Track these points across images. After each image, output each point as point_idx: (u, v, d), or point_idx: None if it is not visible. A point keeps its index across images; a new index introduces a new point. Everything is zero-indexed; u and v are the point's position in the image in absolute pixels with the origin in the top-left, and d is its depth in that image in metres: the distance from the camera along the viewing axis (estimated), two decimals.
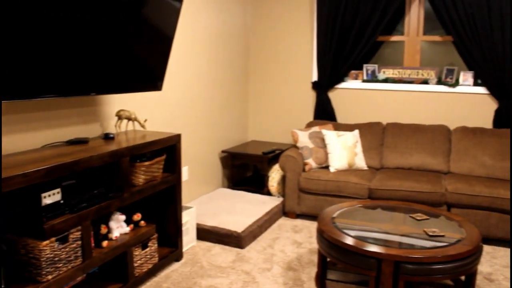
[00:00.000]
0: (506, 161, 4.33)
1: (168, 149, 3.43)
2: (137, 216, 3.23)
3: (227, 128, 5.20)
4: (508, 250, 3.95)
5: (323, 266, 3.24)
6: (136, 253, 3.11)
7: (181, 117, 4.32)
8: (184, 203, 4.47)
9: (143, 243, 3.18)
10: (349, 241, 2.82)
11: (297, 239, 4.08)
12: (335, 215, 3.27)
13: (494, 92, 4.65)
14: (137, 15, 2.92)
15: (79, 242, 2.61)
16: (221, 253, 3.76)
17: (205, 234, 3.98)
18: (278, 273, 3.44)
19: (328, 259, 3.33)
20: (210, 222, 4.02)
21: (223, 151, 5.04)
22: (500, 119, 4.65)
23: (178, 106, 4.26)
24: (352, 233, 2.95)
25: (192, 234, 3.90)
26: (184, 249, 3.80)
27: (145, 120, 3.49)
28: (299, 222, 4.51)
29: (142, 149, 3.06)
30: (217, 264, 3.56)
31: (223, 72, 4.99)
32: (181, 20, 4.17)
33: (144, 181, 3.17)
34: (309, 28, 5.28)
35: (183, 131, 4.37)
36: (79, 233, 2.61)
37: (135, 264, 3.11)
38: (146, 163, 3.13)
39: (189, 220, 3.83)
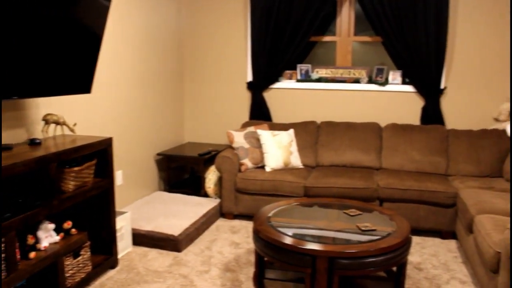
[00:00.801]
0: (433, 155, 4.53)
1: (99, 154, 3.32)
2: (67, 224, 3.11)
3: (162, 130, 5.12)
4: (436, 239, 4.13)
5: (261, 266, 3.25)
6: (68, 262, 2.99)
7: (113, 120, 4.21)
8: (119, 208, 4.35)
9: (74, 252, 3.07)
10: (284, 239, 2.84)
11: (235, 240, 4.07)
12: (270, 214, 3.29)
13: (420, 90, 4.85)
14: (63, 11, 2.80)
15: (3, 255, 2.48)
16: (158, 258, 3.69)
17: (141, 239, 3.89)
18: (216, 275, 3.41)
19: (266, 259, 3.35)
20: (146, 226, 3.93)
21: (158, 154, 4.95)
22: (427, 116, 4.86)
23: (110, 108, 4.14)
24: (287, 231, 2.98)
25: (128, 240, 3.80)
26: (120, 255, 3.70)
27: (75, 124, 3.37)
28: (236, 222, 4.51)
29: (71, 154, 2.94)
30: (154, 269, 3.49)
31: (156, 73, 4.91)
32: (111, 19, 4.06)
33: (74, 187, 3.05)
34: (243, 29, 5.29)
35: (116, 134, 4.26)
36: (3, 245, 2.47)
37: (67, 274, 2.99)
38: (76, 168, 3.01)
39: (124, 226, 3.73)
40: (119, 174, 4.33)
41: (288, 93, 5.26)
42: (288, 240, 2.82)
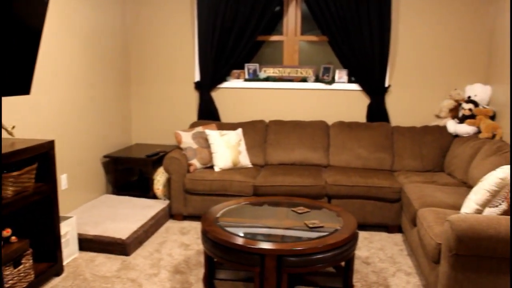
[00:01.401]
0: (379, 152, 4.64)
1: (40, 157, 3.20)
2: (6, 232, 2.98)
3: (109, 132, 5.00)
4: (383, 234, 4.23)
5: (210, 267, 3.23)
6: (7, 272, 2.87)
7: (56, 122, 4.07)
8: (64, 213, 4.22)
9: (15, 261, 2.94)
10: (232, 239, 2.83)
11: (185, 241, 4.03)
12: (219, 214, 3.27)
13: (366, 88, 4.96)
14: None
15: None
16: (106, 263, 3.60)
17: (88, 244, 3.78)
18: (165, 278, 3.36)
19: (216, 259, 3.33)
20: (93, 231, 3.83)
21: (105, 156, 4.83)
22: (372, 114, 4.98)
23: (52, 110, 4.00)
24: (236, 231, 2.97)
25: (74, 246, 3.69)
26: (65, 262, 3.58)
27: (13, 127, 3.23)
28: (186, 223, 4.46)
29: (9, 158, 2.82)
30: (101, 275, 3.40)
31: (102, 73, 4.78)
32: (53, 17, 3.92)
33: (13, 193, 2.93)
34: (190, 28, 5.24)
35: (59, 137, 4.12)
36: None
37: (7, 285, 2.86)
38: (15, 173, 2.89)
39: (69, 231, 3.62)
40: (63, 178, 4.20)
41: (236, 92, 5.26)
42: (236, 240, 2.81)
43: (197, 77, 5.29)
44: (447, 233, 2.63)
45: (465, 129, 4.54)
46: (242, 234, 2.91)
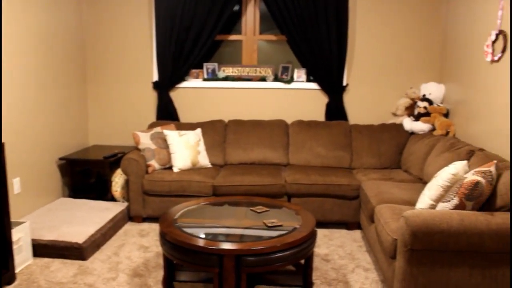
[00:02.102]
0: (338, 150, 4.69)
1: None
2: None
3: (64, 134, 4.87)
4: (343, 231, 4.28)
5: (170, 269, 3.19)
6: None
7: (8, 124, 3.93)
8: (17, 218, 4.08)
9: None
10: (190, 240, 2.80)
11: (144, 244, 3.97)
12: (177, 215, 3.23)
13: (324, 87, 5.01)
14: None
15: None
16: (62, 268, 3.50)
17: (42, 249, 3.67)
18: (124, 281, 3.30)
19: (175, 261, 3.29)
20: (48, 236, 3.71)
21: (61, 158, 4.70)
22: (331, 112, 5.03)
23: (3, 111, 3.86)
24: (194, 232, 2.94)
25: (27, 252, 3.57)
26: (18, 269, 3.46)
27: None
28: (145, 225, 4.40)
29: None
30: (57, 281, 3.31)
31: (56, 74, 4.65)
32: (4, 16, 3.78)
33: None
34: (148, 28, 5.16)
35: (11, 139, 3.98)
36: None
37: None
38: None
39: (22, 237, 3.49)
40: (16, 182, 4.06)
41: (195, 92, 5.22)
42: (194, 241, 2.78)
43: (155, 77, 5.22)
44: (402, 228, 2.68)
45: (420, 126, 4.64)
46: (200, 235, 2.88)
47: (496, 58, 3.66)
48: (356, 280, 3.34)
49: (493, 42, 3.71)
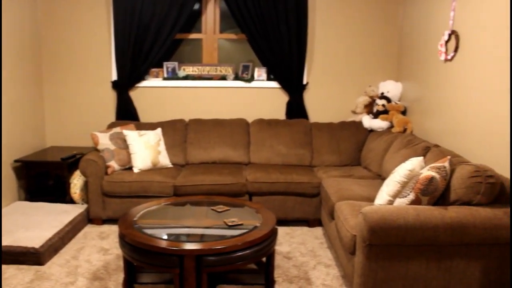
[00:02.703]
0: (299, 148, 4.73)
1: None
2: None
3: (20, 135, 4.72)
4: (304, 228, 4.32)
5: (130, 271, 3.14)
6: None
7: None
8: None
9: None
10: (150, 241, 2.77)
11: (104, 246, 3.90)
12: (137, 216, 3.19)
13: (284, 86, 5.04)
14: None
15: None
16: (17, 275, 3.39)
17: None
18: (83, 285, 3.23)
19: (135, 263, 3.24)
20: (3, 241, 3.60)
21: (16, 161, 4.57)
22: (291, 110, 5.07)
23: None
24: (154, 233, 2.91)
25: None
26: None
27: None
28: (106, 228, 4.32)
29: None
30: None
31: (10, 73, 4.50)
32: None
33: None
34: (106, 26, 5.07)
35: None
36: None
37: None
38: None
39: None
40: None
41: (155, 91, 5.16)
42: (154, 242, 2.75)
43: (114, 76, 5.13)
44: (361, 224, 2.73)
45: (379, 124, 4.72)
46: (160, 236, 2.86)
47: (449, 57, 3.76)
48: (318, 277, 3.38)
49: (446, 42, 3.82)
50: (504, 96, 3.00)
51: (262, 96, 5.13)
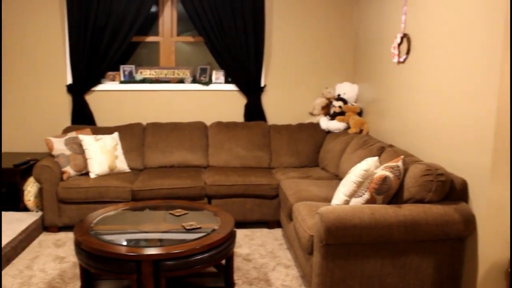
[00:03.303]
0: (257, 150, 4.76)
1: None
2: None
3: None
4: (264, 230, 4.34)
5: (87, 279, 3.08)
6: None
7: None
8: None
9: None
10: (106, 248, 2.72)
11: (60, 254, 3.80)
12: (93, 223, 3.14)
13: (242, 88, 5.06)
14: None
15: None
16: None
17: None
18: None
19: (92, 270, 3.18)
20: None
21: None
22: (249, 113, 5.10)
23: None
24: (110, 239, 2.87)
25: None
26: None
27: None
28: (62, 235, 4.22)
29: None
30: None
31: None
32: None
33: None
34: (60, 28, 4.95)
35: None
36: None
37: None
38: None
39: None
40: None
41: (112, 95, 5.08)
42: (110, 248, 2.71)
43: (69, 80, 5.02)
44: (318, 225, 2.76)
45: (336, 125, 4.80)
46: (117, 242, 2.82)
47: (401, 60, 3.86)
48: (277, 278, 3.40)
49: (399, 45, 3.92)
50: (453, 97, 3.10)
51: (220, 99, 5.13)
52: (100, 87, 5.06)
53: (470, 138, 2.91)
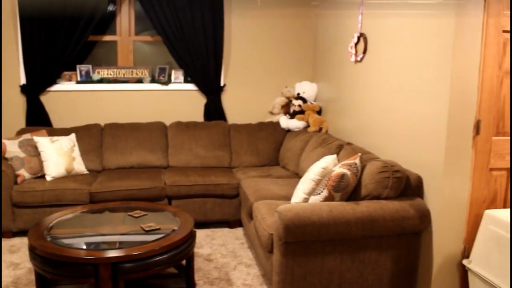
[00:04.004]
0: (217, 150, 4.74)
1: None
2: None
3: None
4: (225, 229, 4.34)
5: (42, 285, 3.01)
6: None
7: None
8: None
9: None
10: (62, 252, 2.66)
11: (14, 260, 3.68)
12: (49, 226, 3.06)
13: (202, 88, 5.04)
14: None
15: None
16: None
17: None
18: None
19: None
20: None
21: None
22: (209, 112, 5.08)
23: None
24: (66, 243, 2.80)
25: None
26: None
27: None
28: (16, 240, 4.09)
29: None
30: None
31: None
32: None
33: None
34: (12, 24, 4.78)
35: None
36: None
37: None
38: None
39: None
40: None
41: (69, 95, 4.96)
42: (66, 252, 2.65)
43: (23, 80, 4.87)
44: (276, 223, 2.78)
45: (295, 124, 4.84)
46: (73, 246, 2.76)
47: (358, 59, 3.93)
48: (238, 277, 3.40)
49: (356, 44, 3.98)
50: (408, 96, 3.18)
51: (179, 99, 5.09)
52: (56, 87, 4.93)
53: (425, 136, 2.99)
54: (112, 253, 2.64)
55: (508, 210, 2.76)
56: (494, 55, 2.73)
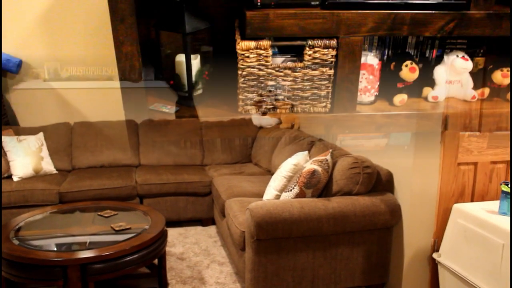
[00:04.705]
0: (188, 148, 4.70)
1: None
2: None
3: None
4: (198, 227, 4.31)
5: None
6: None
7: None
8: None
9: None
10: (28, 254, 2.60)
11: None
12: (15, 228, 2.99)
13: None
14: None
15: None
16: None
17: None
18: None
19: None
20: None
21: None
22: (181, 110, 5.01)
23: None
24: (34, 244, 2.74)
25: None
26: None
27: None
28: None
29: None
30: None
31: None
32: None
33: None
34: None
35: None
36: None
37: None
38: None
39: None
40: None
41: (35, 93, 4.84)
42: (33, 255, 2.60)
43: None
44: (248, 220, 2.78)
45: (268, 121, 4.81)
46: (41, 247, 2.70)
47: None
48: (211, 276, 3.39)
49: None
50: None
51: None
52: (22, 85, 4.80)
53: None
54: (81, 254, 2.60)
55: (477, 203, 2.81)
56: None
